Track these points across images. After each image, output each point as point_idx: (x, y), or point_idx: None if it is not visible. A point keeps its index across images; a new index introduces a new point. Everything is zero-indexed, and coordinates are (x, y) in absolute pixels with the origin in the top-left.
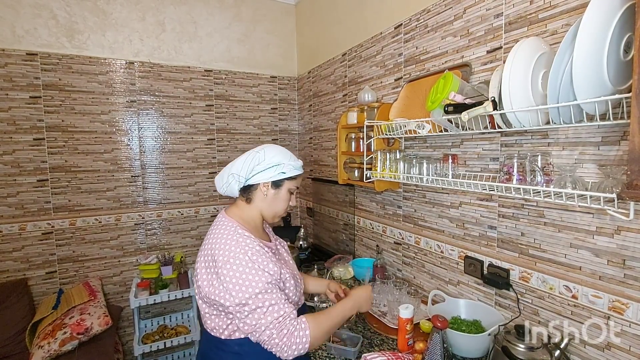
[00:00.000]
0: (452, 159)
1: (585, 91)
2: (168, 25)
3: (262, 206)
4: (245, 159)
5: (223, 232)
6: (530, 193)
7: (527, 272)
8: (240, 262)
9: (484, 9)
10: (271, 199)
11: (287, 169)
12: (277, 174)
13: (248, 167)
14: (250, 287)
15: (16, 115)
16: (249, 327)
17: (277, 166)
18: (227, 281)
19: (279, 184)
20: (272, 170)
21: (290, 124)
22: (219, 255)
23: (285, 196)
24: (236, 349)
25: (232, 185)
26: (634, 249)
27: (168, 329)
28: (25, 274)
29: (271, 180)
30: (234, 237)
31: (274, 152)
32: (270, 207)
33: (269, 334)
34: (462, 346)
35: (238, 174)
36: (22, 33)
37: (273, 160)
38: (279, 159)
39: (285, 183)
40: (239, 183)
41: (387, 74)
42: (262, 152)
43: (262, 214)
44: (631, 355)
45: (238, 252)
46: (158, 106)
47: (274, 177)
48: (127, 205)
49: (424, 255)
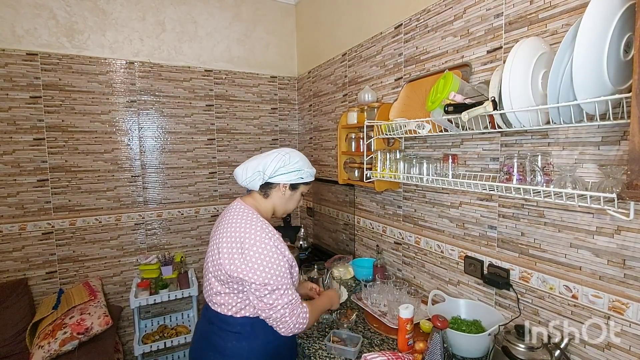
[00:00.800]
0: (452, 159)
1: (585, 91)
2: (168, 25)
3: (277, 202)
4: (272, 159)
5: (247, 217)
6: (530, 193)
7: (527, 272)
8: (266, 246)
9: (484, 9)
10: (287, 198)
11: (305, 175)
12: (297, 178)
13: (274, 167)
14: (273, 268)
15: (16, 115)
16: (265, 305)
17: (298, 172)
18: (254, 261)
19: (296, 187)
20: (293, 174)
21: (290, 124)
22: (245, 237)
23: (298, 197)
24: (238, 328)
25: (255, 181)
26: (634, 249)
27: (168, 329)
28: (26, 274)
29: (290, 182)
30: (257, 223)
31: (297, 158)
32: (284, 204)
33: (282, 312)
34: (462, 346)
35: (263, 172)
36: (22, 33)
37: (295, 166)
38: (300, 165)
39: (301, 187)
40: (262, 179)
41: (387, 74)
42: (288, 156)
43: (275, 208)
44: (631, 355)
45: (264, 236)
46: (158, 106)
47: (293, 180)
48: (127, 205)
49: (424, 255)
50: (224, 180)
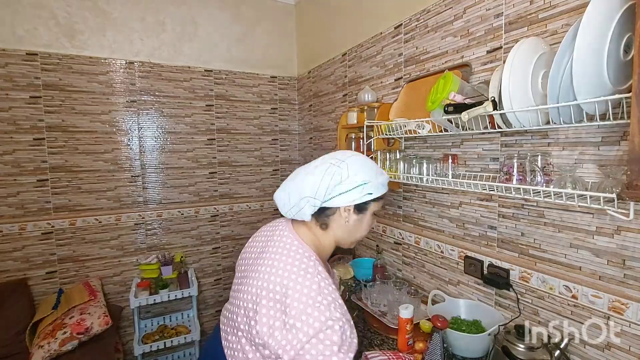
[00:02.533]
0: (452, 159)
1: (585, 91)
2: (168, 25)
3: (339, 233)
4: (322, 177)
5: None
6: (530, 193)
7: (527, 272)
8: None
9: (484, 9)
10: (353, 225)
11: (373, 188)
12: (363, 195)
13: (327, 187)
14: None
15: (16, 115)
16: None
17: (363, 186)
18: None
19: (364, 208)
20: (356, 191)
21: (290, 124)
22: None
23: (370, 220)
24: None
25: (305, 210)
26: (634, 249)
27: (168, 329)
28: (26, 274)
29: (354, 203)
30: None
31: (358, 166)
32: (351, 233)
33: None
34: (462, 346)
35: (313, 197)
36: (22, 33)
37: (357, 179)
38: (364, 177)
39: (371, 205)
40: (314, 207)
41: (387, 74)
42: (345, 167)
43: (338, 241)
44: (631, 355)
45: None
46: (158, 106)
47: (359, 199)
48: (127, 205)
49: (424, 255)
50: (224, 180)
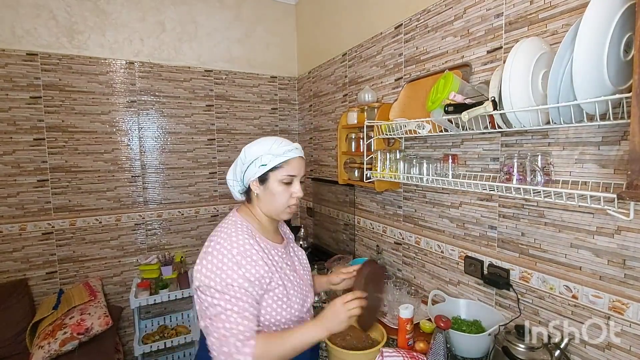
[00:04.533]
0: (452, 159)
1: (586, 91)
2: (168, 25)
3: (260, 205)
4: (235, 164)
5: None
6: (531, 193)
7: (527, 272)
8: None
9: (484, 9)
10: (264, 196)
11: (266, 159)
12: (258, 168)
13: (238, 170)
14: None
15: (16, 116)
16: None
17: (256, 160)
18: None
19: (264, 178)
20: (253, 166)
21: (290, 124)
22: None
23: (278, 189)
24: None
25: (235, 191)
26: (634, 249)
27: (168, 329)
28: (26, 274)
29: (256, 176)
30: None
31: (254, 146)
32: (268, 204)
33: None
34: (462, 346)
35: (235, 179)
36: (22, 33)
37: (252, 155)
38: (256, 152)
39: (270, 175)
40: (241, 187)
41: (387, 74)
42: (244, 151)
43: (265, 212)
44: (631, 355)
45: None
46: (158, 106)
47: (257, 172)
48: (128, 205)
49: (424, 255)
50: (224, 181)
